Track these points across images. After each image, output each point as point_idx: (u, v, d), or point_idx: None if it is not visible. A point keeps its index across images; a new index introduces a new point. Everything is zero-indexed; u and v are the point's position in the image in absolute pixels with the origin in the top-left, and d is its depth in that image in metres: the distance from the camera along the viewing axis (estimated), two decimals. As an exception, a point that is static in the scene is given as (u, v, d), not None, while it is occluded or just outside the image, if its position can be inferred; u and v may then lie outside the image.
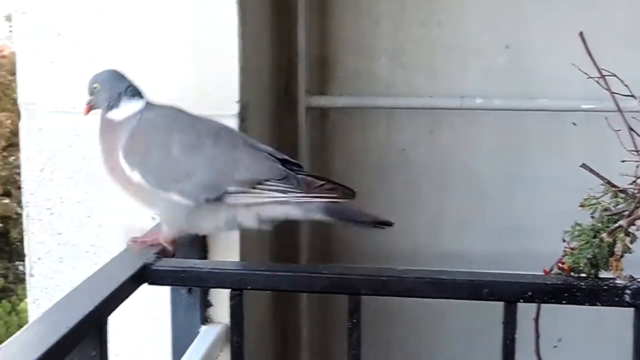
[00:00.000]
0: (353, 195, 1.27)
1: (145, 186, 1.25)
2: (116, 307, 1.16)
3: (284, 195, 1.24)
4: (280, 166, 1.28)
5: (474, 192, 2.07)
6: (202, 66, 1.53)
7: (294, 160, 1.32)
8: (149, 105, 1.31)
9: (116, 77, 1.31)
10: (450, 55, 2.04)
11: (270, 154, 1.30)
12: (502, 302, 1.18)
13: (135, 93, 1.31)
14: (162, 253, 1.32)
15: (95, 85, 1.30)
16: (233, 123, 1.51)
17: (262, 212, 1.27)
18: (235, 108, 1.52)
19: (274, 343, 1.94)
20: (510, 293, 1.18)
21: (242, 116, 1.54)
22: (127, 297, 1.20)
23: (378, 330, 1.83)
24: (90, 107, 1.31)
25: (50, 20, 1.49)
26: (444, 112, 2.05)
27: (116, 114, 1.29)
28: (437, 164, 2.08)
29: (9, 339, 1.02)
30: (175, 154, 1.26)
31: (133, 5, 1.51)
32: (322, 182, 1.27)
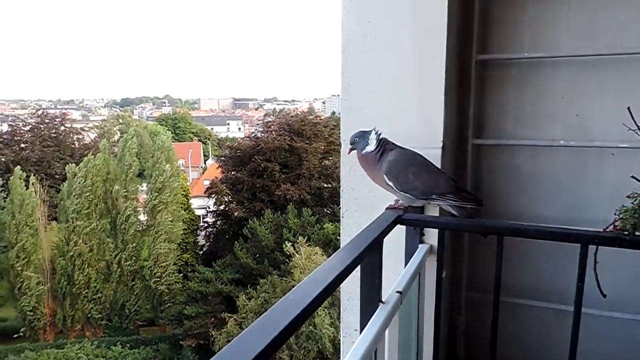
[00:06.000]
0: (481, 203, 2.28)
1: (397, 189, 2.29)
2: (386, 234, 2.15)
3: (454, 202, 2.29)
4: (453, 183, 2.28)
5: (552, 192, 2.80)
6: (425, 121, 2.49)
7: (453, 178, 2.31)
8: (385, 142, 2.24)
9: (362, 133, 2.29)
10: (532, 119, 2.77)
11: (447, 175, 2.32)
12: (579, 244, 1.97)
13: (372, 139, 2.25)
14: (405, 211, 2.40)
15: (356, 138, 2.30)
16: (438, 152, 2.46)
17: (443, 206, 2.34)
18: (440, 143, 2.50)
19: (451, 257, 2.90)
20: (585, 239, 1.97)
21: (443, 148, 2.50)
22: (391, 230, 2.22)
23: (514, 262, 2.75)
24: (352, 149, 2.31)
25: (357, 103, 2.61)
26: (540, 148, 2.79)
27: (369, 151, 2.27)
28: (539, 175, 2.82)
29: (341, 247, 1.78)
30: (410, 178, 2.26)
31: (391, 94, 2.52)
32: (469, 196, 2.28)
